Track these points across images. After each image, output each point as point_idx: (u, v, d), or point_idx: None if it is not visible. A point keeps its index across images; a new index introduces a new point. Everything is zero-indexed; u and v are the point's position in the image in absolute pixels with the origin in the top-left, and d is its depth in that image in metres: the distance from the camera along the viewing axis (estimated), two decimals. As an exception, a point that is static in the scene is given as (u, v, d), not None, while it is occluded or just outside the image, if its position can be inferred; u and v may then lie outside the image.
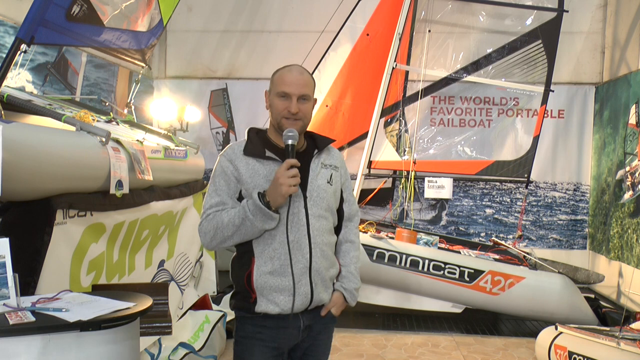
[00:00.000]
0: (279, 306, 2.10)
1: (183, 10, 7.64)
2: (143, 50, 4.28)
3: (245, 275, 2.12)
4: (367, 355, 4.68)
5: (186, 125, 6.61)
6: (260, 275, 2.10)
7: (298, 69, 2.17)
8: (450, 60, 6.60)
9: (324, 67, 6.66)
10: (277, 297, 2.10)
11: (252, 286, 2.11)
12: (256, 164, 2.13)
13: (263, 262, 2.11)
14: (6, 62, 2.85)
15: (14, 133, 2.18)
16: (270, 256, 2.10)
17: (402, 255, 5.54)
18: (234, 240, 2.09)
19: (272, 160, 2.13)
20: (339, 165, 2.30)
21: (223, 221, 2.07)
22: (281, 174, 2.00)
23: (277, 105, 2.14)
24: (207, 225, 2.11)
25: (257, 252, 2.12)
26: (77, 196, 2.66)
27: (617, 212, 6.49)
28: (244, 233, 2.06)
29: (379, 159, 6.45)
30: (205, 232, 2.12)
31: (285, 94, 2.12)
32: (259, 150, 2.14)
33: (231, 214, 2.06)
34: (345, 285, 2.26)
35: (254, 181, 2.10)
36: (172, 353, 3.69)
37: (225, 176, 2.13)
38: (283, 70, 2.18)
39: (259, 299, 2.11)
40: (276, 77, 2.17)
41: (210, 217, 2.10)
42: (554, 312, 5.32)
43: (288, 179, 1.99)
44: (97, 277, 2.97)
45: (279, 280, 2.10)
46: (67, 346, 1.73)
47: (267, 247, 2.11)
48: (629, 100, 6.42)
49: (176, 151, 4.15)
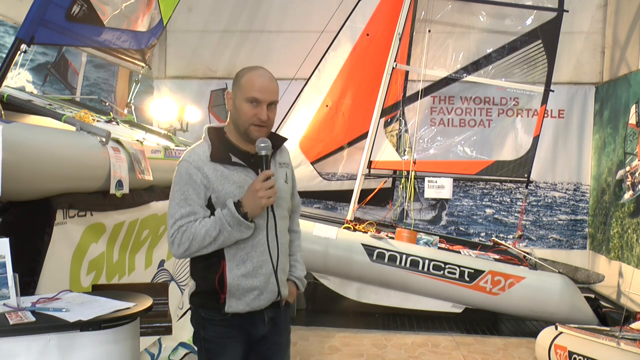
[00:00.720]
0: (249, 305, 2.15)
1: (183, 10, 7.64)
2: (143, 50, 4.28)
3: (216, 278, 2.12)
4: (367, 355, 4.68)
5: (186, 125, 6.61)
6: (233, 278, 2.12)
7: (268, 75, 2.13)
8: (450, 60, 6.60)
9: (324, 67, 6.65)
10: (248, 297, 2.14)
11: (225, 288, 2.12)
12: (224, 170, 2.11)
13: (235, 265, 2.12)
14: (6, 62, 2.85)
15: (14, 133, 2.18)
16: (243, 259, 2.13)
17: (402, 255, 5.54)
18: (208, 250, 2.08)
19: (239, 166, 2.12)
20: (288, 161, 2.35)
21: (199, 233, 2.04)
22: (259, 186, 2.02)
23: (246, 111, 2.09)
24: (181, 237, 2.06)
25: (229, 256, 2.12)
26: (77, 196, 2.66)
27: (617, 212, 6.49)
28: (221, 243, 2.07)
29: (379, 159, 6.45)
30: (179, 243, 2.07)
31: (256, 99, 2.07)
32: (225, 156, 2.11)
33: (207, 225, 2.05)
34: (296, 274, 2.36)
35: (225, 188, 2.09)
36: (172, 353, 3.69)
37: (194, 184, 2.09)
38: (252, 74, 2.11)
39: (228, 299, 2.13)
40: (245, 80, 2.10)
41: (184, 228, 2.06)
42: (554, 312, 5.32)
43: (266, 191, 2.02)
44: (97, 277, 2.97)
45: (250, 281, 2.13)
46: (67, 346, 1.73)
47: (240, 251, 2.12)
48: (629, 100, 6.42)
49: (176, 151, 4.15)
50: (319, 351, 4.71)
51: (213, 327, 2.18)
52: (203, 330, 2.21)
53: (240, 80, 2.12)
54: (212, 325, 2.18)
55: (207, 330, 2.20)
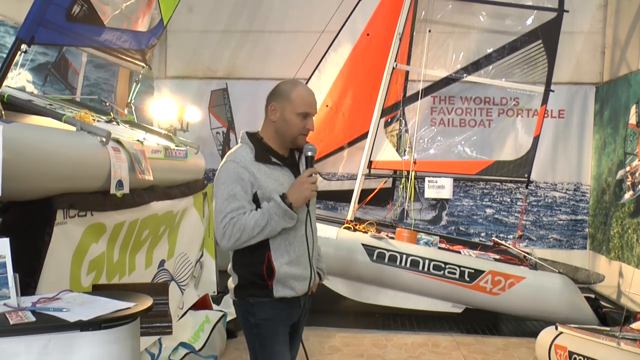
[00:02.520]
0: (295, 290, 2.40)
1: (183, 10, 7.64)
2: (143, 50, 4.28)
3: (263, 268, 2.35)
4: (368, 355, 4.68)
5: (186, 125, 6.63)
6: (280, 266, 2.36)
7: (312, 91, 2.45)
8: (451, 60, 6.60)
9: (324, 67, 6.66)
10: (293, 284, 2.39)
11: (273, 275, 2.35)
12: (267, 169, 2.37)
13: (280, 255, 2.36)
14: (7, 62, 2.85)
15: (15, 133, 2.18)
16: (287, 249, 2.38)
17: (403, 255, 5.54)
18: (256, 239, 2.29)
19: (277, 166, 2.40)
20: None
21: (249, 224, 2.26)
22: (305, 180, 2.33)
23: (297, 124, 2.37)
24: (232, 228, 2.26)
25: (274, 247, 2.36)
26: (78, 196, 2.66)
27: (618, 212, 6.49)
28: (268, 232, 2.29)
29: (379, 159, 6.45)
30: (230, 234, 2.27)
31: (307, 114, 2.39)
32: (267, 157, 2.39)
33: (256, 216, 2.27)
34: (320, 266, 2.65)
35: (268, 184, 2.34)
36: (172, 353, 3.70)
37: (242, 182, 2.31)
38: (300, 89, 2.40)
39: (275, 286, 2.36)
40: (295, 96, 2.37)
41: (235, 220, 2.27)
42: (554, 312, 5.31)
43: (310, 184, 2.33)
44: (97, 277, 2.97)
45: (294, 269, 2.39)
46: (68, 346, 1.73)
47: (283, 242, 2.37)
48: (629, 100, 6.42)
49: (176, 151, 4.15)
50: (319, 351, 4.71)
51: (262, 310, 2.39)
52: (252, 317, 2.40)
53: (290, 95, 2.38)
54: (260, 309, 2.38)
55: (256, 315, 2.39)
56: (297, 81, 2.47)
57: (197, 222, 4.72)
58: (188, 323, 4.22)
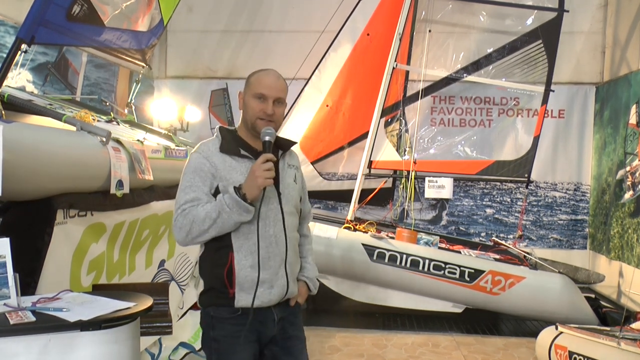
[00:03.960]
0: (259, 299, 2.15)
1: (183, 10, 7.63)
2: (143, 50, 4.28)
3: (224, 271, 2.16)
4: (368, 355, 4.68)
5: (186, 125, 6.61)
6: (241, 269, 2.15)
7: (275, 74, 2.29)
8: (451, 60, 6.60)
9: (324, 67, 6.66)
10: (257, 290, 2.14)
11: (233, 280, 2.15)
12: (232, 162, 2.20)
13: (243, 256, 2.16)
14: (7, 62, 2.85)
15: (15, 133, 2.18)
16: (251, 250, 2.16)
17: (403, 255, 5.54)
18: (209, 234, 2.12)
19: (247, 159, 2.21)
20: (298, 166, 2.43)
21: (200, 215, 2.10)
22: (257, 166, 2.08)
23: (253, 106, 2.22)
24: (183, 220, 2.12)
25: (236, 247, 2.17)
26: (78, 196, 2.66)
27: (618, 212, 6.49)
28: (220, 226, 2.10)
29: (379, 158, 6.45)
30: (181, 226, 2.13)
31: (263, 95, 2.21)
32: (234, 149, 2.22)
33: (207, 208, 2.10)
34: (308, 275, 2.41)
35: (232, 177, 2.17)
36: (172, 353, 3.70)
37: (202, 172, 2.17)
38: (260, 73, 2.28)
39: (238, 293, 2.16)
40: (253, 78, 2.27)
41: (186, 211, 2.12)
42: (554, 312, 5.31)
43: (264, 171, 2.07)
44: (97, 277, 2.97)
45: (260, 273, 2.14)
46: (68, 346, 1.73)
47: (247, 242, 2.16)
48: (629, 100, 6.42)
49: (176, 151, 4.15)
50: (319, 351, 4.71)
51: (222, 325, 2.19)
52: (212, 331, 2.22)
53: (249, 79, 2.28)
54: (221, 324, 2.20)
55: (216, 329, 2.21)
56: (267, 69, 2.32)
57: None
58: (188, 323, 4.22)
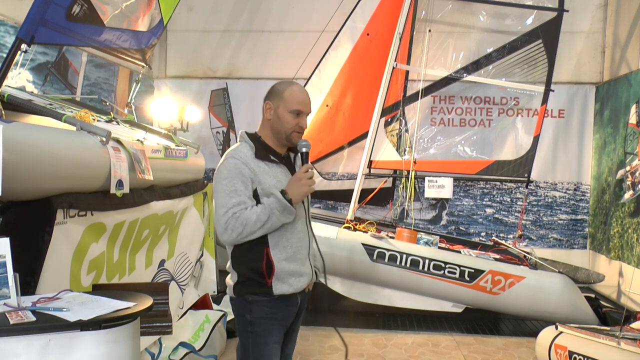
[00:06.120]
0: (293, 287, 2.44)
1: (183, 10, 7.64)
2: (143, 50, 4.28)
3: (262, 264, 2.39)
4: (368, 355, 4.68)
5: (186, 125, 6.63)
6: (278, 262, 2.41)
7: (305, 90, 2.52)
8: (451, 59, 6.59)
9: (324, 66, 6.65)
10: (291, 280, 2.43)
11: (272, 272, 2.39)
12: (265, 167, 2.43)
13: (278, 251, 2.41)
14: (7, 61, 2.85)
15: (15, 133, 2.18)
16: (284, 246, 2.43)
17: (403, 255, 5.54)
18: (257, 234, 2.35)
19: (275, 163, 2.46)
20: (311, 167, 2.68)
21: (251, 218, 2.31)
22: (302, 176, 2.39)
23: (289, 120, 2.44)
24: (235, 222, 2.30)
25: (272, 243, 2.41)
26: (78, 196, 2.66)
27: (618, 212, 6.49)
28: (269, 227, 2.35)
29: (379, 158, 6.45)
30: (233, 229, 2.31)
31: (300, 112, 2.45)
32: (265, 155, 2.46)
33: (257, 211, 2.32)
34: (316, 264, 2.68)
35: (266, 181, 2.40)
36: (172, 353, 3.70)
37: (243, 177, 2.37)
38: (294, 88, 2.47)
39: (274, 283, 2.40)
40: (287, 94, 2.45)
41: (237, 215, 2.31)
42: (554, 312, 5.31)
43: (307, 180, 2.39)
44: (97, 277, 2.97)
45: (292, 265, 2.44)
46: (68, 346, 1.73)
47: (281, 238, 2.42)
48: (629, 99, 6.42)
49: (176, 151, 4.15)
50: (319, 351, 4.71)
51: (260, 308, 2.42)
52: (249, 314, 2.43)
53: (283, 94, 2.45)
54: (258, 307, 2.42)
55: (253, 312, 2.42)
56: (293, 81, 2.54)
57: (197, 221, 4.72)
58: (188, 323, 4.22)
